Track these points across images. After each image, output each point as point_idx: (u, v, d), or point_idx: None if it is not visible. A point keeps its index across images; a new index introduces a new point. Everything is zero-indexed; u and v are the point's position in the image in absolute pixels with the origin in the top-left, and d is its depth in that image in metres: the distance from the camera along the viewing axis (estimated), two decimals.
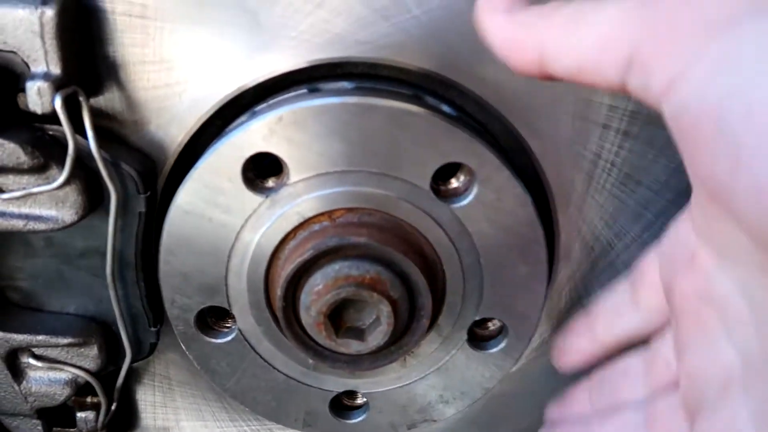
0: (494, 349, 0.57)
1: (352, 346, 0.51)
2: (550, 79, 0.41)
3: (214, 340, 0.56)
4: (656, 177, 0.55)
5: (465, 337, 0.57)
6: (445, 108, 0.52)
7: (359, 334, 0.52)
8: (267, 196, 0.50)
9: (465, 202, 0.51)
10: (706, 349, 0.41)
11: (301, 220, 0.51)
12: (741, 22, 0.32)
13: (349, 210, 0.51)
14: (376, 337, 0.51)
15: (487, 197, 0.51)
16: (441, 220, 0.51)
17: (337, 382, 0.59)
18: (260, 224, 0.51)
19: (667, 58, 0.34)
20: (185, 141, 0.53)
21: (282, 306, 0.51)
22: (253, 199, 0.50)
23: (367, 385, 0.59)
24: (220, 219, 0.51)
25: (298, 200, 0.50)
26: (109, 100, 0.52)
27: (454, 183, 0.52)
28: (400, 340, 0.53)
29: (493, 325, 0.58)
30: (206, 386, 0.65)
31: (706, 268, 0.41)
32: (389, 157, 0.49)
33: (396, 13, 0.49)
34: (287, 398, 0.59)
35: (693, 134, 0.33)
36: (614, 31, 0.36)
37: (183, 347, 0.56)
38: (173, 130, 0.53)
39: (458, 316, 0.56)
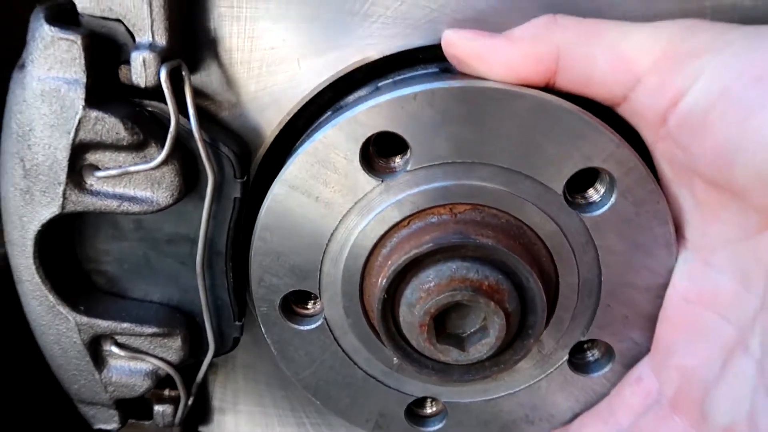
0: (596, 374, 0.52)
1: (452, 355, 0.47)
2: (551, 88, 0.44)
3: (297, 326, 0.52)
4: None
5: (566, 357, 0.52)
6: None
7: (460, 342, 0.47)
8: (383, 180, 0.46)
9: (598, 212, 0.46)
10: (700, 341, 0.45)
11: (416, 209, 0.47)
12: (725, 48, 0.39)
13: (474, 206, 0.46)
14: (480, 349, 0.47)
15: (625, 210, 0.46)
16: (567, 229, 0.47)
17: (417, 386, 0.55)
18: (370, 209, 0.47)
19: (674, 78, 0.40)
20: (282, 125, 0.49)
21: (382, 298, 0.46)
22: (367, 181, 0.46)
23: (449, 394, 0.55)
24: (328, 198, 0.47)
25: (416, 189, 0.46)
26: (206, 77, 0.48)
27: (592, 195, 0.47)
28: (499, 356, 0.48)
29: (596, 348, 0.53)
30: (272, 371, 0.61)
31: (698, 269, 0.46)
32: (525, 153, 0.45)
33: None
34: (363, 397, 0.55)
35: (699, 135, 0.40)
36: (632, 51, 0.41)
37: (262, 329, 0.52)
38: (270, 112, 0.49)
39: (563, 334, 0.51)
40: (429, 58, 0.48)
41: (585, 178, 0.47)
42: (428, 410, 0.57)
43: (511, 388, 0.54)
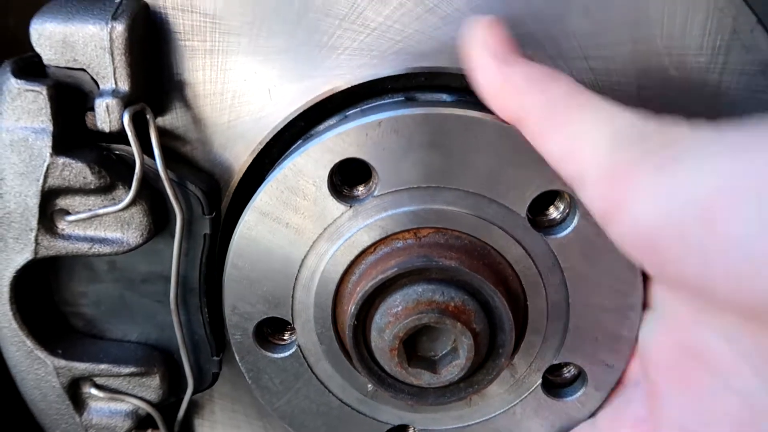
0: (570, 398, 0.52)
1: (424, 378, 0.47)
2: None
3: (271, 354, 0.52)
4: None
5: (539, 381, 0.52)
6: None
7: (432, 365, 0.48)
8: (351, 206, 0.47)
9: (563, 234, 0.47)
10: (698, 398, 0.42)
11: (384, 234, 0.48)
12: (683, 158, 0.35)
13: (437, 230, 0.47)
14: (451, 371, 0.47)
15: (588, 231, 0.47)
16: (533, 252, 0.48)
17: (392, 414, 0.54)
18: (339, 235, 0.48)
19: (614, 192, 0.37)
20: (250, 161, 0.51)
21: (353, 324, 0.47)
22: (336, 207, 0.47)
23: (424, 421, 0.55)
24: (298, 224, 0.48)
25: (383, 214, 0.47)
26: (172, 118, 0.49)
27: (552, 212, 0.48)
28: (472, 377, 0.49)
29: (568, 371, 0.54)
30: (249, 402, 0.60)
31: (684, 322, 0.43)
32: (488, 177, 0.46)
33: (511, 27, 0.46)
34: (338, 425, 0.55)
35: (654, 245, 0.36)
36: (583, 148, 0.38)
37: (237, 358, 0.53)
38: (239, 148, 0.50)
39: (535, 358, 0.51)
40: (396, 87, 0.49)
41: (545, 198, 0.48)
42: None
43: (486, 414, 0.54)
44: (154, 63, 0.47)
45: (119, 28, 0.42)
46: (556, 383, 0.54)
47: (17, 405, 0.57)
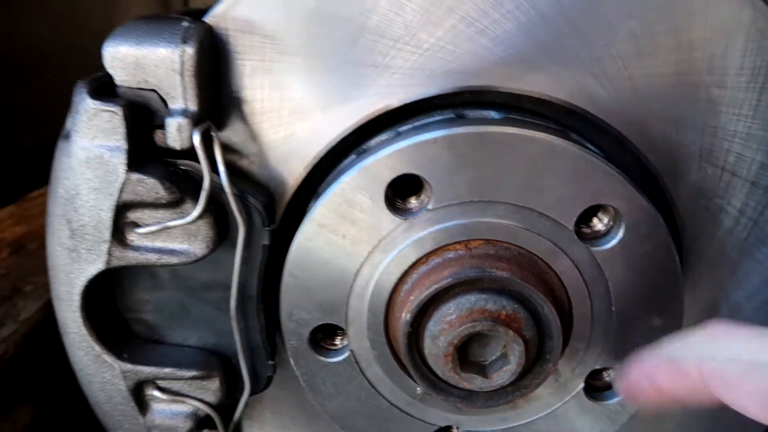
0: (611, 401, 0.55)
1: (476, 382, 0.50)
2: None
3: (324, 359, 0.55)
4: None
5: (582, 384, 0.54)
6: (590, 146, 0.51)
7: (483, 370, 0.50)
8: (405, 219, 0.49)
9: (608, 245, 0.49)
10: None
11: (436, 246, 0.50)
12: None
13: (487, 242, 0.49)
14: (502, 376, 0.49)
15: (632, 243, 0.49)
16: (579, 262, 0.50)
17: (440, 416, 0.57)
18: (393, 246, 0.50)
19: None
20: (304, 174, 0.53)
21: (407, 332, 0.49)
22: (391, 220, 0.49)
23: (470, 423, 0.57)
24: (354, 236, 0.50)
25: (436, 227, 0.49)
26: (231, 133, 0.51)
27: (597, 224, 0.50)
28: (520, 381, 0.51)
29: (608, 376, 0.56)
30: (297, 405, 0.63)
31: None
32: (536, 192, 0.48)
33: (556, 46, 0.48)
34: (387, 426, 0.57)
35: None
36: None
37: (292, 362, 0.55)
38: (294, 162, 0.52)
39: (579, 363, 0.53)
40: (444, 104, 0.51)
41: (590, 210, 0.50)
42: None
43: (530, 416, 0.56)
44: (215, 81, 0.49)
45: (189, 51, 0.45)
46: (597, 387, 0.56)
47: (78, 406, 0.60)
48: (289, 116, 0.51)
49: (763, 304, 0.56)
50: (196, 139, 0.45)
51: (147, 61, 0.45)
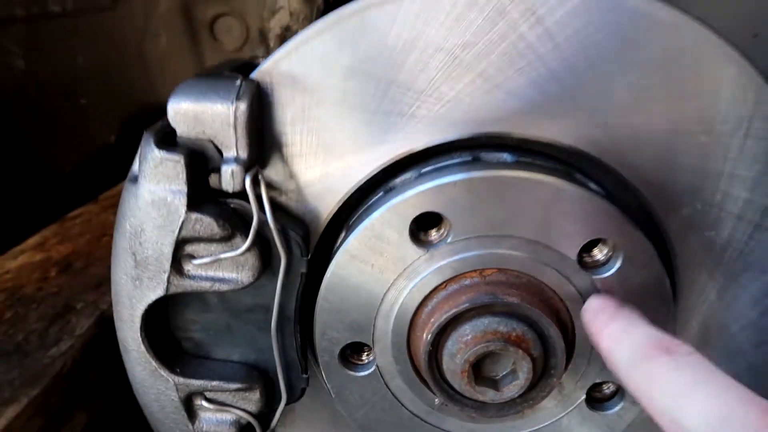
0: (610, 411, 0.61)
1: (488, 395, 0.56)
2: None
3: (353, 373, 0.61)
4: None
5: (584, 396, 0.61)
6: (593, 185, 0.57)
7: (494, 384, 0.56)
8: (427, 251, 0.56)
9: (607, 274, 0.55)
10: None
11: (454, 274, 0.56)
12: None
13: (500, 270, 0.56)
14: (512, 389, 0.55)
15: (628, 271, 0.55)
16: (581, 288, 0.56)
17: (456, 424, 0.63)
18: (416, 274, 0.57)
19: None
20: (336, 209, 0.59)
21: (428, 350, 0.56)
22: (414, 251, 0.56)
23: (483, 430, 0.63)
24: (382, 266, 0.56)
25: (455, 257, 0.55)
26: (272, 172, 0.57)
27: (598, 255, 0.56)
28: (528, 394, 0.57)
29: (609, 389, 0.62)
30: (326, 416, 0.69)
31: None
32: (543, 227, 0.54)
33: (562, 98, 0.54)
34: None
35: None
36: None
37: (323, 376, 0.62)
38: (327, 199, 0.58)
39: (581, 377, 0.60)
40: (463, 147, 0.58)
41: (593, 244, 0.56)
42: None
43: (537, 425, 0.63)
44: (261, 129, 0.56)
45: (242, 107, 0.51)
46: (597, 398, 0.62)
47: (125, 413, 0.66)
48: (324, 158, 0.57)
49: (748, 325, 0.62)
50: (248, 183, 0.52)
51: (205, 115, 0.51)
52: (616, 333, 0.49)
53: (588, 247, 0.56)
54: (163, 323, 0.61)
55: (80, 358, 0.72)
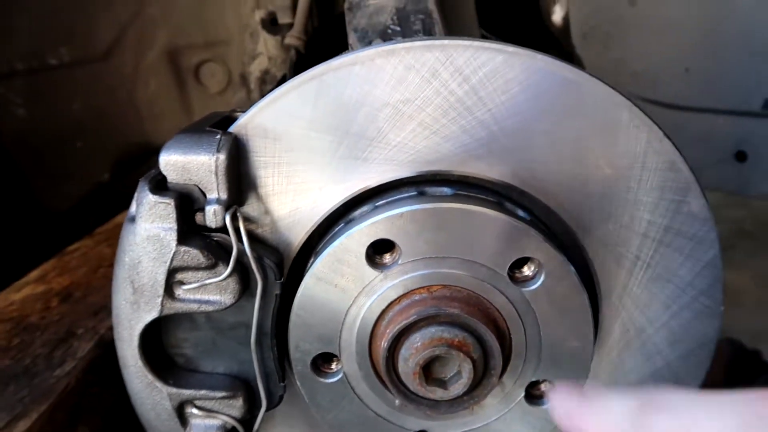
0: (546, 405, 0.71)
1: (437, 393, 0.66)
2: None
3: (323, 380, 0.71)
4: (682, 277, 0.70)
5: (523, 393, 0.71)
6: (520, 212, 0.68)
7: (443, 384, 0.66)
8: (382, 272, 0.66)
9: (533, 287, 0.66)
10: None
11: (405, 291, 0.66)
12: None
13: (444, 286, 0.66)
14: (457, 388, 0.65)
15: (551, 285, 0.66)
16: (513, 300, 0.66)
17: (414, 422, 0.73)
18: (373, 291, 0.67)
19: None
20: (305, 239, 0.69)
21: (386, 356, 0.65)
22: (371, 273, 0.66)
23: (439, 428, 0.73)
24: (343, 285, 0.66)
25: (405, 276, 0.66)
26: (249, 208, 0.67)
27: (526, 271, 0.67)
28: (473, 392, 0.67)
29: (545, 386, 0.72)
30: (301, 418, 0.78)
31: None
32: (478, 248, 0.65)
33: (489, 141, 0.65)
34: None
35: None
36: None
37: (298, 383, 0.71)
38: (297, 230, 0.68)
39: (519, 376, 0.70)
40: (410, 183, 0.68)
41: (523, 262, 0.67)
42: None
43: (484, 420, 0.72)
44: (239, 173, 0.66)
45: (221, 157, 0.62)
46: (535, 395, 0.72)
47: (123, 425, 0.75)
48: (294, 196, 0.68)
49: (661, 327, 0.72)
50: (227, 220, 0.62)
51: (191, 165, 0.62)
52: (596, 418, 0.47)
53: (518, 264, 0.67)
54: (157, 342, 0.70)
55: (82, 378, 0.81)
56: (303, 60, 1.18)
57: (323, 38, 1.22)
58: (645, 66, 1.30)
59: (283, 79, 1.37)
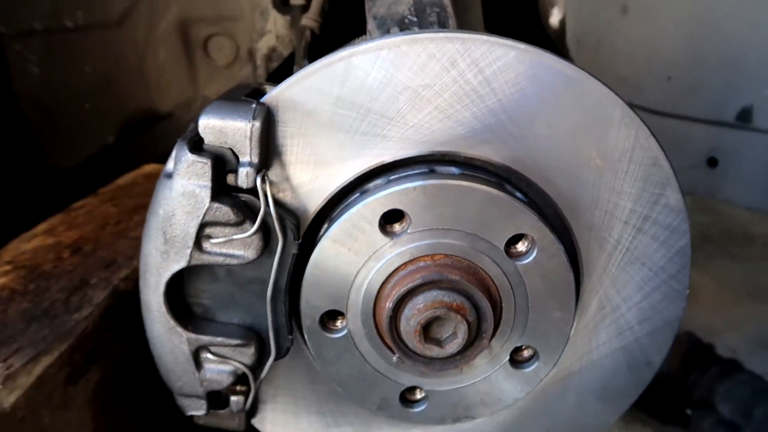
0: (528, 369, 0.79)
1: (434, 351, 0.73)
2: None
3: (329, 335, 0.77)
4: (656, 262, 0.78)
5: (508, 357, 0.79)
6: (518, 194, 0.75)
7: (439, 343, 0.74)
8: (392, 239, 0.73)
9: (526, 261, 0.74)
10: None
11: (411, 257, 0.73)
12: None
13: (446, 256, 0.73)
14: (452, 347, 0.73)
15: (542, 261, 0.73)
16: (507, 272, 0.74)
17: (409, 378, 0.80)
18: (382, 256, 0.73)
19: None
20: (322, 205, 0.75)
21: (389, 315, 0.73)
22: (381, 239, 0.73)
23: (430, 384, 0.80)
24: (356, 249, 0.73)
25: (412, 245, 0.73)
26: (274, 173, 0.73)
27: (520, 247, 0.75)
28: (465, 352, 0.75)
29: (528, 351, 0.80)
30: (303, 373, 0.85)
31: None
32: (479, 223, 0.72)
33: (497, 128, 0.73)
34: (371, 386, 0.80)
35: None
36: None
37: (305, 337, 0.78)
38: (316, 196, 0.75)
39: (506, 341, 0.78)
40: (422, 161, 0.75)
41: (518, 239, 0.74)
42: (416, 396, 0.82)
43: (472, 380, 0.80)
44: (268, 141, 0.72)
45: (257, 124, 0.68)
46: (518, 360, 0.80)
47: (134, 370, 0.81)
48: (315, 165, 0.74)
49: (633, 305, 0.81)
50: (258, 182, 0.68)
51: (228, 129, 0.68)
52: None
53: (514, 240, 0.74)
54: (178, 292, 0.76)
55: (99, 323, 0.86)
56: (317, 42, 1.24)
57: (334, 21, 1.28)
58: (630, 72, 1.39)
59: (291, 58, 1.42)
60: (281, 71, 1.46)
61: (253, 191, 0.70)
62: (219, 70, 1.36)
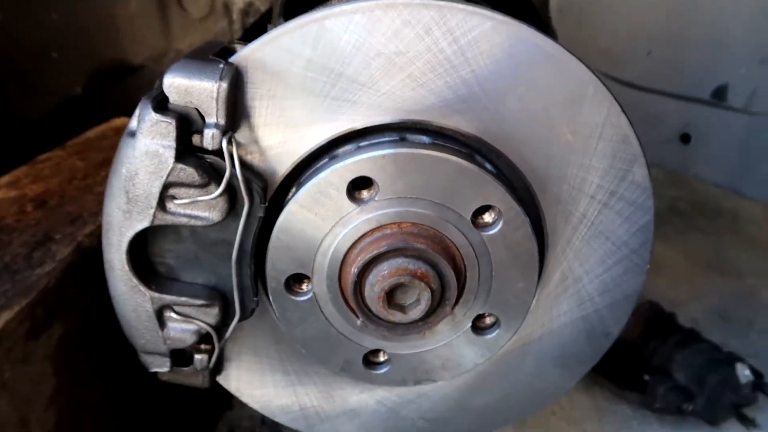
0: (489, 336, 0.81)
1: (397, 317, 0.74)
2: None
3: (294, 298, 0.78)
4: (619, 236, 0.80)
5: (470, 324, 0.80)
6: (488, 165, 0.75)
7: (402, 309, 0.75)
8: (359, 206, 0.73)
9: (492, 232, 0.74)
10: None
11: (378, 225, 0.74)
12: None
13: (413, 224, 0.74)
14: (415, 313, 0.74)
15: (507, 232, 0.74)
16: (472, 242, 0.75)
17: (372, 342, 0.81)
18: (348, 222, 0.74)
19: None
20: (290, 169, 0.75)
21: (354, 281, 0.73)
22: (349, 205, 0.73)
23: (393, 347, 0.82)
24: (323, 214, 0.73)
25: (379, 212, 0.73)
26: (242, 135, 0.72)
27: (487, 218, 0.75)
28: (427, 318, 0.76)
29: (490, 319, 0.82)
30: (268, 333, 0.86)
31: None
32: (447, 193, 0.72)
33: (469, 99, 0.72)
34: (335, 348, 0.81)
35: None
36: None
37: (270, 299, 0.78)
38: (284, 160, 0.74)
39: (468, 308, 0.79)
40: (392, 129, 0.74)
41: (484, 210, 0.75)
42: (379, 359, 0.84)
43: (434, 344, 0.81)
44: (236, 102, 0.71)
45: (224, 85, 0.66)
46: (480, 327, 0.81)
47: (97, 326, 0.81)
48: (284, 129, 0.73)
49: (595, 277, 0.82)
50: (224, 144, 0.67)
51: (194, 89, 0.66)
52: None
53: (481, 211, 0.75)
54: (142, 250, 0.76)
55: (61, 279, 0.86)
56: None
57: None
58: (612, 45, 1.38)
59: (268, 14, 1.39)
60: (258, 27, 1.43)
61: (219, 153, 0.69)
62: (193, 23, 1.32)
